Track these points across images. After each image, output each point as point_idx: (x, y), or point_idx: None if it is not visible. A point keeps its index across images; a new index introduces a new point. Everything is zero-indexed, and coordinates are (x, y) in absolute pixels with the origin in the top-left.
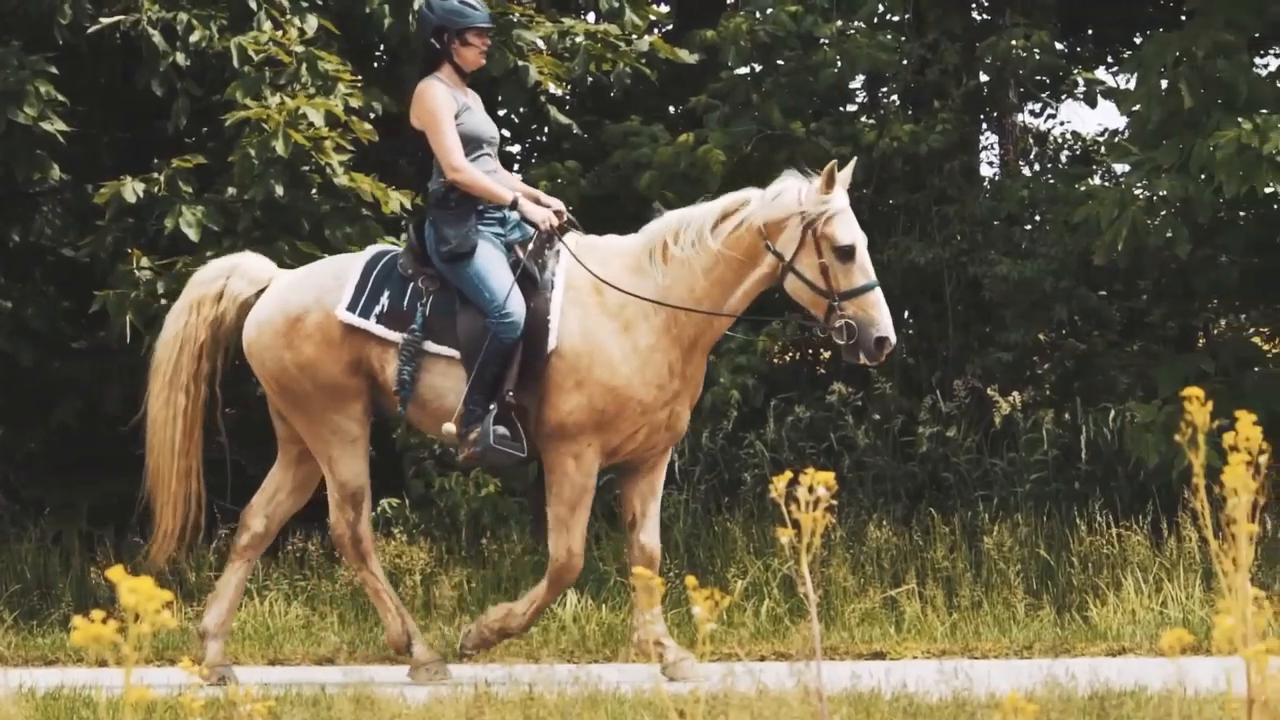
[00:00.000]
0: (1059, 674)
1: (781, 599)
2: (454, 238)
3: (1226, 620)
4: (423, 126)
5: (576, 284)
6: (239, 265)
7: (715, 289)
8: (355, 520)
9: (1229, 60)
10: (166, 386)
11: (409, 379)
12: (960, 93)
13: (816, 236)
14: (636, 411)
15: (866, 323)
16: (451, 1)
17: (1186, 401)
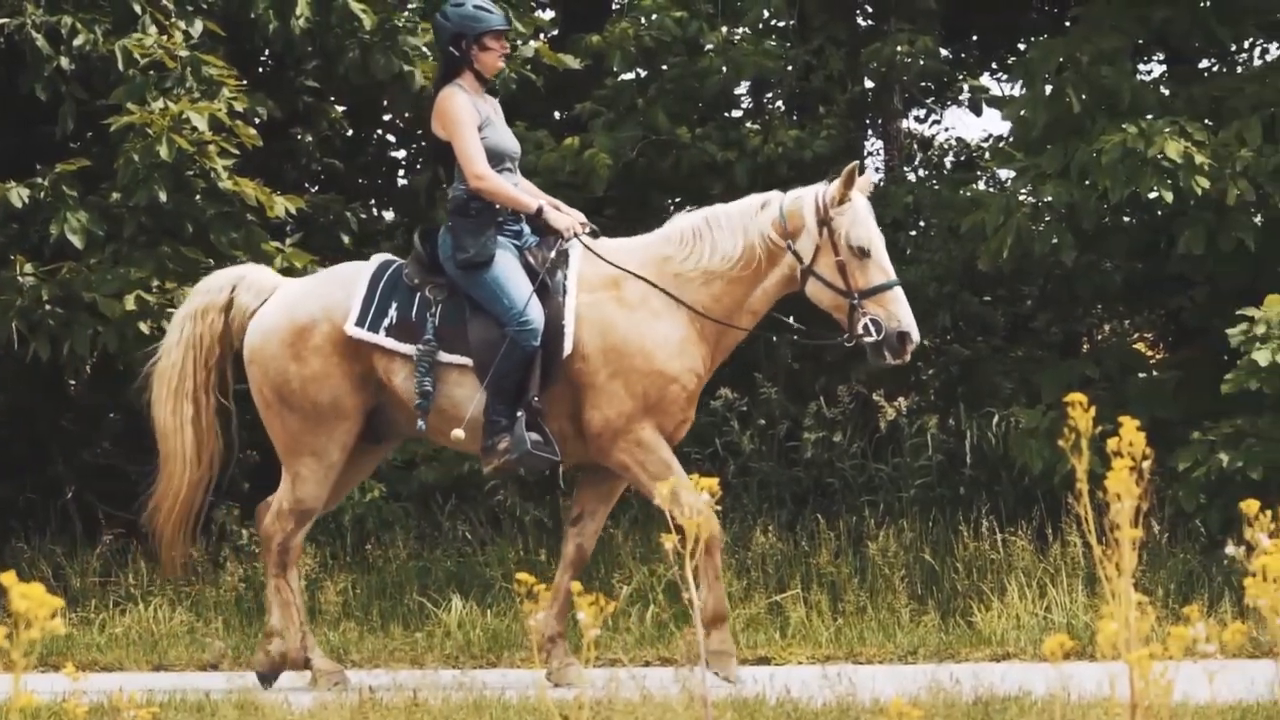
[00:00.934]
0: (943, 679)
1: (666, 604)
2: (473, 246)
3: (1110, 625)
4: (446, 135)
5: (590, 284)
6: (245, 276)
7: (735, 288)
8: (292, 533)
9: (1113, 66)
10: (172, 395)
11: (430, 390)
12: (845, 99)
13: (834, 236)
14: (679, 395)
15: (887, 319)
16: (466, 7)
17: (1070, 407)
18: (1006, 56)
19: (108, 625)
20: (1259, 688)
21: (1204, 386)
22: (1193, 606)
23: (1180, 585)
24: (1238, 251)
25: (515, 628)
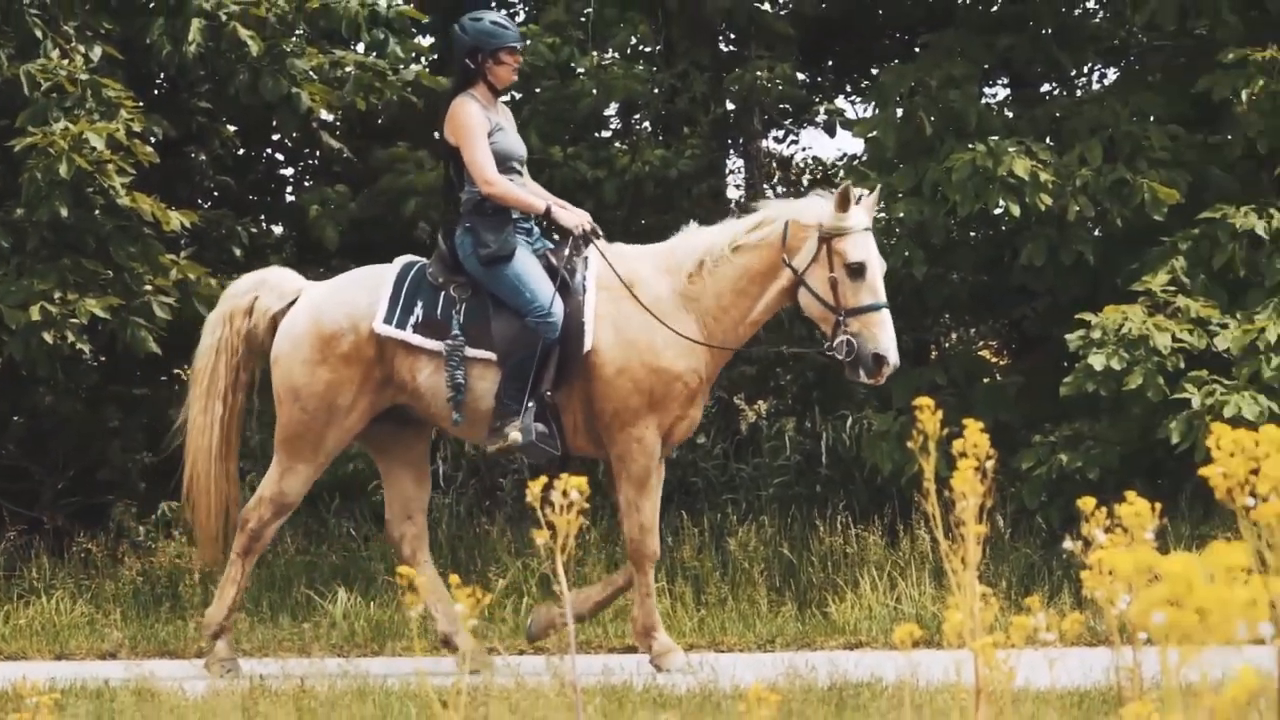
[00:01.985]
0: (800, 666)
1: (539, 596)
2: (493, 241)
3: (956, 615)
4: (456, 141)
5: (608, 284)
6: (267, 280)
7: (741, 299)
8: (268, 522)
9: (960, 91)
10: (205, 394)
11: (463, 382)
12: (708, 120)
13: (830, 252)
14: (682, 392)
15: (868, 340)
16: (483, 23)
17: (918, 411)
18: (860, 81)
19: (12, 617)
20: (1096, 674)
21: (1045, 391)
22: (1034, 598)
23: (1022, 578)
24: (1077, 264)
25: (397, 618)
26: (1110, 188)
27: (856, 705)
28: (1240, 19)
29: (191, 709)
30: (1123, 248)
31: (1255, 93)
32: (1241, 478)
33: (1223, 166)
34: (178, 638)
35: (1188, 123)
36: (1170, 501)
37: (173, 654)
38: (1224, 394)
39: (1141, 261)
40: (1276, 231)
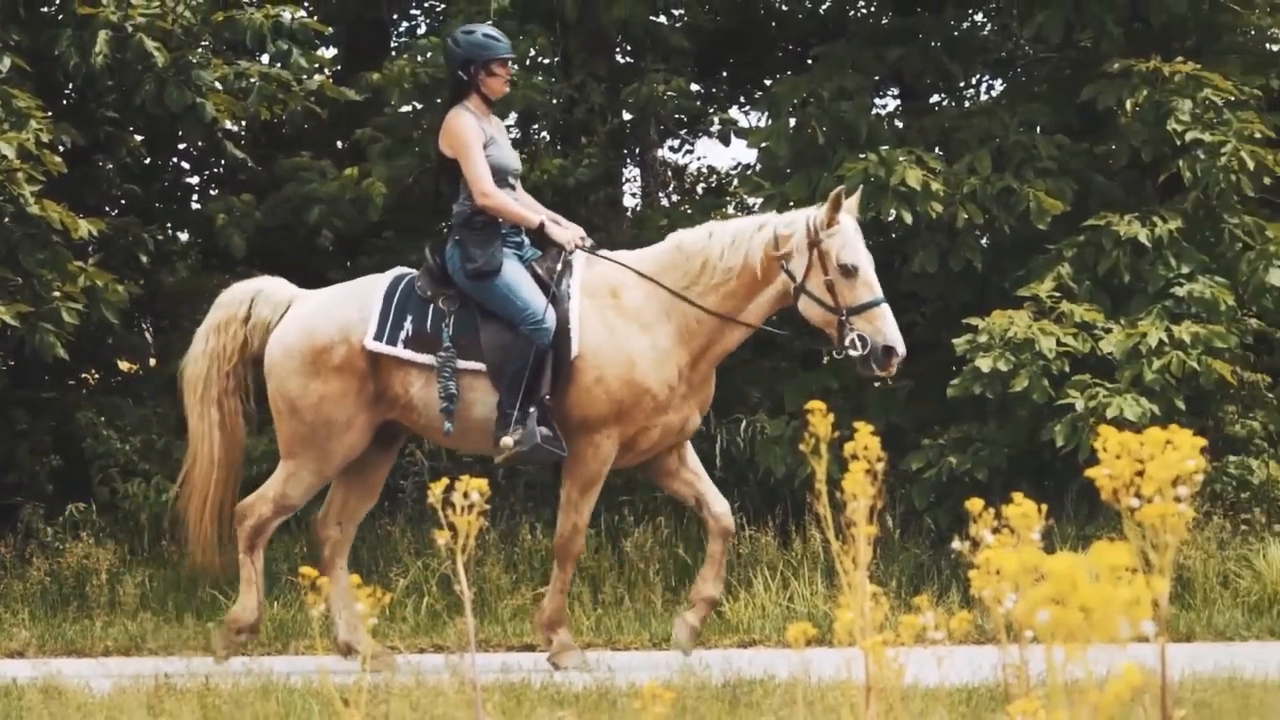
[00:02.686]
0: (694, 664)
1: (440, 596)
2: (480, 256)
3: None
4: (453, 154)
5: (593, 292)
6: (262, 290)
7: (727, 303)
8: (268, 520)
9: (852, 101)
10: (199, 402)
11: (455, 392)
12: (605, 130)
13: (824, 257)
14: (650, 405)
15: (873, 334)
16: (475, 36)
17: (810, 415)
18: (754, 91)
19: None
20: (983, 671)
21: (934, 395)
22: (923, 597)
23: (911, 577)
24: (966, 271)
25: (300, 618)
26: (998, 196)
27: (750, 702)
28: (1124, 31)
29: (98, 707)
30: (1010, 254)
31: (1138, 102)
32: (1127, 479)
33: (1107, 175)
34: (84, 636)
35: (1073, 132)
36: (1056, 503)
37: (79, 653)
38: (1107, 396)
39: (1028, 268)
40: (1159, 239)
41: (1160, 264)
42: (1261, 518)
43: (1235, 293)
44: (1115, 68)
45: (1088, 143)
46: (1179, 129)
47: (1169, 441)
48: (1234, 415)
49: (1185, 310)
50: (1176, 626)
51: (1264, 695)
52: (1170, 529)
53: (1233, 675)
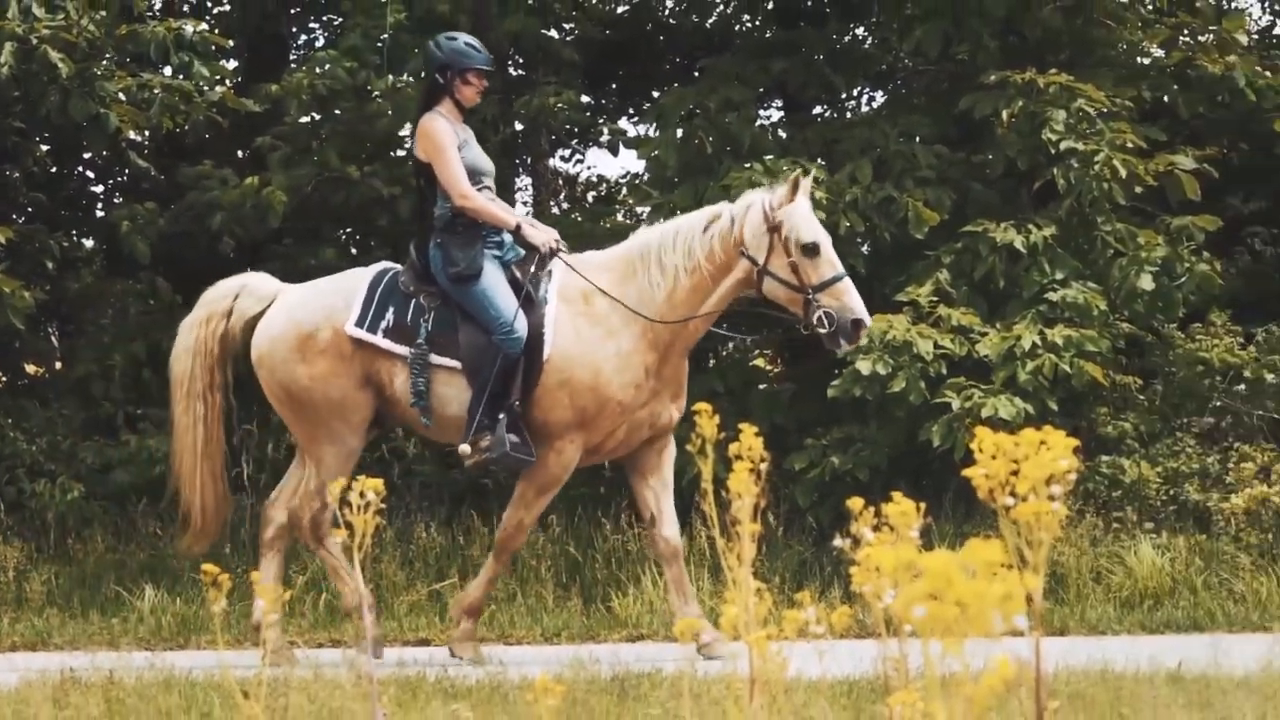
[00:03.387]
0: (584, 658)
1: (337, 592)
2: (462, 260)
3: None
4: (429, 158)
5: (568, 297)
6: (247, 284)
7: (694, 295)
8: (320, 510)
9: (738, 113)
10: (185, 396)
11: (424, 389)
12: (498, 140)
13: (784, 239)
14: (615, 411)
15: (840, 309)
16: (458, 43)
17: (697, 416)
18: (643, 103)
19: None
20: (864, 664)
21: (816, 397)
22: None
23: (795, 573)
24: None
25: (201, 613)
26: (879, 205)
27: (638, 695)
28: (1000, 44)
29: (5, 700)
30: (891, 261)
31: (1014, 113)
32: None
33: (984, 183)
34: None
35: (951, 142)
36: (935, 501)
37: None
38: (982, 397)
39: (908, 274)
40: (1034, 245)
41: (1035, 270)
42: (1133, 516)
43: (1107, 297)
44: (992, 79)
45: (965, 152)
46: (1053, 139)
47: (1043, 442)
48: (1106, 416)
49: (1059, 314)
50: (1051, 621)
51: (1135, 687)
52: (1044, 527)
53: (1105, 668)
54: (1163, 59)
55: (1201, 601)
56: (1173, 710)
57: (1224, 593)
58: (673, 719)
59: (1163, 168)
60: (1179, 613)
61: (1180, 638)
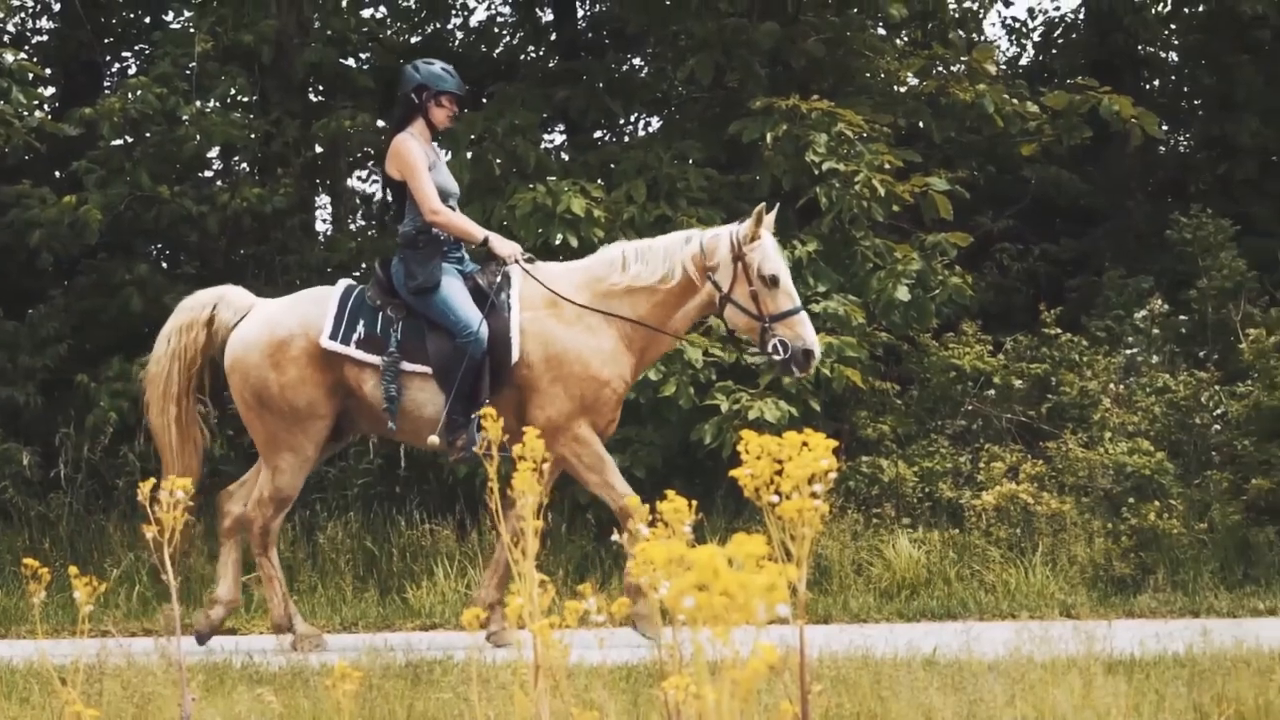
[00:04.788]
0: (380, 646)
1: (149, 585)
2: (420, 274)
3: (517, 601)
4: (401, 176)
5: (532, 303)
6: (225, 295)
7: (658, 310)
8: (271, 518)
9: (523, 136)
10: (161, 397)
11: (395, 394)
12: (299, 162)
13: (747, 268)
14: (611, 398)
15: (794, 339)
16: (434, 67)
17: (484, 419)
18: None
19: None
20: (641, 651)
21: None
22: (586, 584)
23: (577, 566)
24: None
25: (22, 605)
26: (654, 223)
27: (430, 680)
28: (768, 73)
29: None
30: None
31: (778, 136)
32: (767, 478)
33: (752, 202)
34: None
35: (721, 165)
36: (707, 499)
37: None
38: (749, 400)
39: None
40: (799, 260)
41: (799, 283)
42: (891, 512)
43: (866, 309)
44: (759, 105)
45: (735, 174)
46: (816, 160)
47: (805, 443)
48: (866, 419)
49: (821, 324)
50: (815, 610)
51: (893, 671)
52: (807, 522)
53: (865, 653)
54: (918, 87)
55: (955, 591)
56: (929, 692)
57: (975, 583)
58: (463, 703)
59: (918, 188)
60: (934, 602)
61: (935, 625)
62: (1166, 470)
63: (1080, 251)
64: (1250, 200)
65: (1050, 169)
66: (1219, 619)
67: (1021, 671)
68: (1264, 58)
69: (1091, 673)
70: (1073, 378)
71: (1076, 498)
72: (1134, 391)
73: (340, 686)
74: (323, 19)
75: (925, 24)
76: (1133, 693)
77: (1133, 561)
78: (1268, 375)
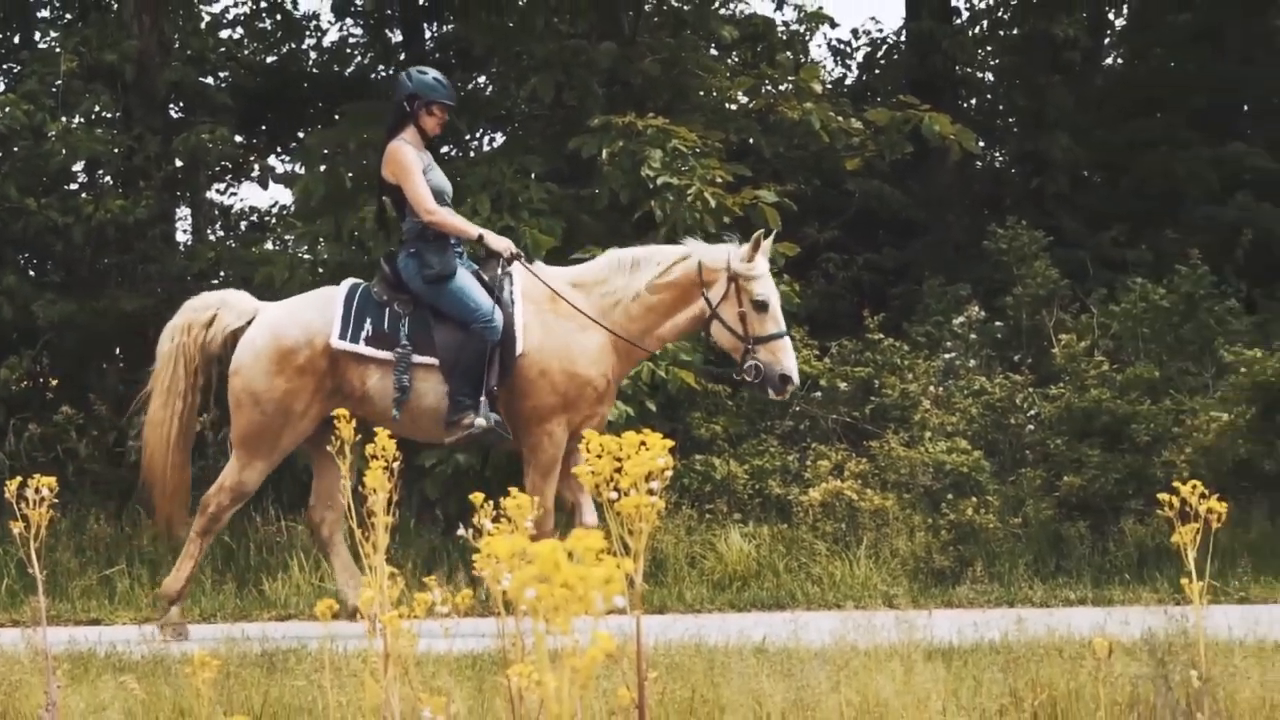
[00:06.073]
0: (238, 636)
1: (17, 578)
2: (437, 263)
3: (368, 592)
4: (397, 180)
5: (534, 298)
6: (227, 300)
7: (649, 316)
8: (226, 508)
9: (375, 153)
10: (165, 393)
11: (408, 385)
12: (161, 175)
13: (739, 290)
14: (592, 395)
15: (773, 363)
16: (427, 77)
17: (337, 421)
18: (290, 142)
19: None
20: (486, 640)
21: None
22: (433, 577)
23: (425, 559)
24: None
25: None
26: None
27: (285, 669)
28: (606, 92)
29: None
30: None
31: (616, 152)
32: (607, 475)
33: (591, 214)
34: None
35: (562, 178)
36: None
37: None
38: None
39: None
40: None
41: None
42: (723, 507)
43: None
44: (597, 122)
45: (574, 188)
46: (651, 174)
47: (643, 442)
48: (700, 419)
49: None
50: (651, 600)
51: (725, 658)
52: (644, 518)
53: (699, 642)
54: (748, 105)
55: (783, 583)
56: (759, 679)
57: (803, 575)
58: (316, 690)
59: (748, 200)
60: (764, 593)
61: (765, 615)
62: (983, 468)
63: (902, 261)
64: (1061, 213)
65: (873, 183)
66: (1033, 608)
67: (846, 659)
68: (1074, 78)
69: (912, 660)
70: (895, 380)
71: (898, 494)
72: (952, 393)
73: (200, 674)
74: (183, 39)
75: (755, 45)
76: (951, 678)
77: (951, 554)
78: (1078, 378)
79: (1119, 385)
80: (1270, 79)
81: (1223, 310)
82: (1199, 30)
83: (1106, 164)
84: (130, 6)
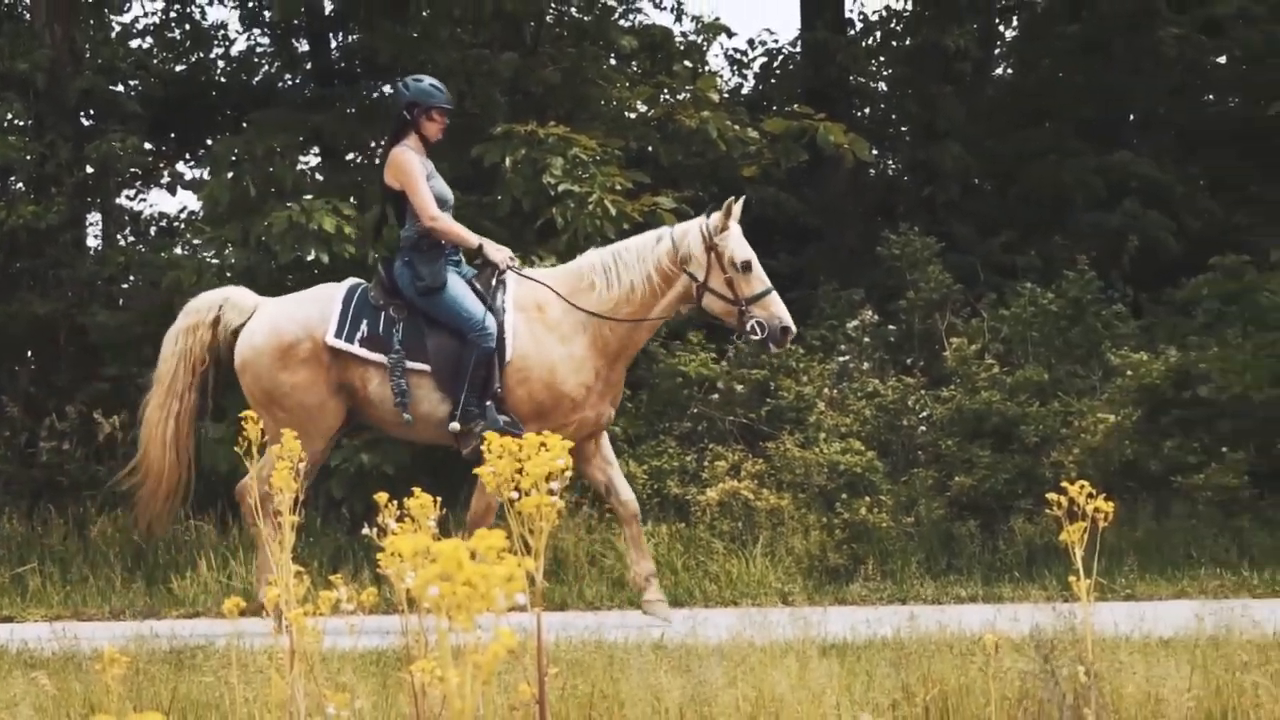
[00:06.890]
0: (146, 633)
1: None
2: (428, 275)
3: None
4: (400, 185)
5: (523, 306)
6: (230, 297)
7: (641, 303)
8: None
9: (280, 158)
10: (165, 392)
11: (406, 389)
12: (72, 181)
13: (720, 257)
14: (568, 406)
15: (770, 318)
16: (424, 84)
17: (244, 422)
18: (198, 149)
19: None
20: (391, 637)
21: None
22: (339, 575)
23: (331, 558)
24: None
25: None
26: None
27: (193, 665)
28: (508, 100)
29: None
30: None
31: (518, 160)
32: (509, 476)
33: (494, 221)
34: None
35: (466, 185)
36: (453, 496)
37: None
38: None
39: None
40: None
41: None
42: None
43: None
44: (500, 131)
45: (478, 194)
46: (553, 182)
47: (543, 444)
48: None
49: None
50: (552, 598)
51: (625, 654)
52: (544, 517)
53: (599, 638)
54: (647, 113)
55: (682, 581)
56: (658, 674)
57: (701, 573)
58: (224, 686)
59: (647, 207)
60: (663, 590)
61: None
62: (876, 468)
63: (797, 266)
64: (953, 220)
65: (769, 190)
66: (924, 605)
67: (743, 655)
68: (965, 89)
69: (807, 655)
70: (790, 383)
71: (794, 494)
72: (846, 396)
73: (109, 670)
74: (94, 49)
75: (654, 55)
76: (845, 673)
77: (845, 553)
78: (969, 380)
79: (1009, 387)
80: (1156, 89)
81: (1109, 315)
82: (1088, 42)
83: (996, 172)
84: (42, 16)
